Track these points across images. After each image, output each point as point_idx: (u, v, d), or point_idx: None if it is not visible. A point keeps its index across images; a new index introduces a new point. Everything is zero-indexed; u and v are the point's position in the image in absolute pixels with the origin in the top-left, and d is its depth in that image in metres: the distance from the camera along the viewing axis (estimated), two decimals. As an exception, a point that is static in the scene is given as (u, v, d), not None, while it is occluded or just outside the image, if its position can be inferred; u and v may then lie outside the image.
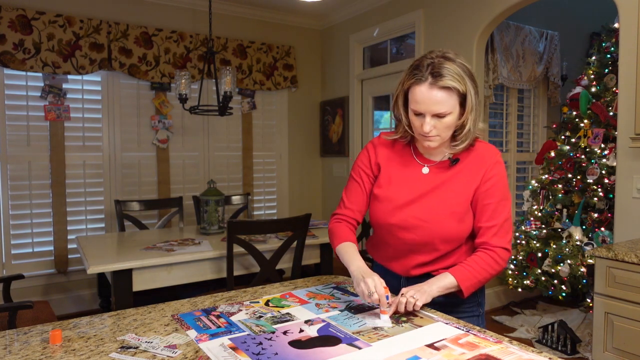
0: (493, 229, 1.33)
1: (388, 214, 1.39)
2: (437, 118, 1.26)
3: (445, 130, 1.29)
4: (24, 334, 1.15)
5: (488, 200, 1.34)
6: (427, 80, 1.23)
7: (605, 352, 2.14)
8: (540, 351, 1.01)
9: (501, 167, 1.37)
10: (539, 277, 3.23)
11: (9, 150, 3.60)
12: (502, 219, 1.34)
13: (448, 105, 1.25)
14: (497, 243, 1.33)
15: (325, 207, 5.15)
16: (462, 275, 1.30)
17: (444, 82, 1.22)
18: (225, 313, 1.28)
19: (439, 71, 1.23)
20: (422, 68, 1.25)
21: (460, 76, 1.24)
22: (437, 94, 1.23)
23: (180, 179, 4.33)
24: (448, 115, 1.26)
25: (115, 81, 3.99)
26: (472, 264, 1.32)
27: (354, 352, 1.02)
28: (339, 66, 4.84)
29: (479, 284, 1.33)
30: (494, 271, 1.33)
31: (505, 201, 1.36)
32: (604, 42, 3.27)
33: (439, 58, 1.25)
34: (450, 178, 1.36)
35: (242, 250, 2.52)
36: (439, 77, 1.22)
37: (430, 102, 1.24)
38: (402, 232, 1.38)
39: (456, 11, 3.55)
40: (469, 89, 1.26)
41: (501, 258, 1.33)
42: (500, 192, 1.35)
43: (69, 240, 3.82)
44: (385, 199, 1.40)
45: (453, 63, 1.25)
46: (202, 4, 4.22)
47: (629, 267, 2.03)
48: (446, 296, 1.36)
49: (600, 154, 3.06)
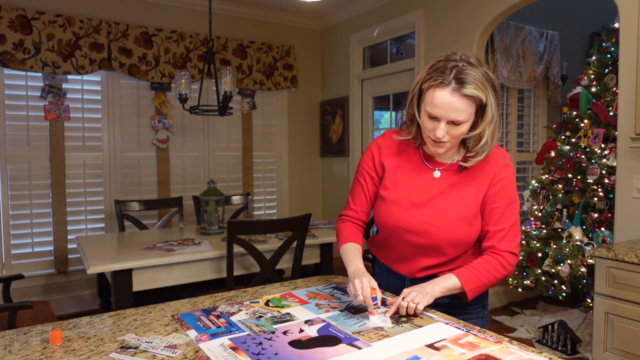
0: (501, 233, 1.31)
1: (396, 217, 1.36)
2: (452, 125, 1.22)
3: (457, 137, 1.26)
4: (23, 334, 1.15)
5: (497, 204, 1.32)
6: (449, 85, 1.18)
7: (606, 352, 2.14)
8: (540, 351, 1.01)
9: (510, 171, 1.35)
10: (539, 277, 3.23)
11: (9, 150, 3.60)
12: (510, 222, 1.32)
13: (466, 113, 1.21)
14: (505, 247, 1.31)
15: (325, 207, 5.15)
16: (466, 278, 1.28)
17: (467, 90, 1.18)
18: (225, 313, 1.28)
19: (463, 77, 1.17)
20: (446, 71, 1.19)
21: (484, 85, 1.20)
22: (459, 102, 1.19)
23: (180, 179, 4.33)
24: (464, 124, 1.22)
25: (115, 81, 3.99)
26: (478, 267, 1.30)
27: (354, 352, 1.02)
28: (339, 66, 4.84)
29: (483, 287, 1.31)
30: (500, 275, 1.31)
31: (514, 205, 1.34)
32: (604, 42, 3.27)
33: (464, 62, 1.20)
34: (460, 182, 1.34)
35: (242, 250, 2.51)
36: (463, 84, 1.17)
37: (450, 108, 1.19)
38: (410, 236, 1.35)
39: (456, 11, 3.55)
40: (490, 99, 1.22)
41: (508, 263, 1.31)
42: (509, 195, 1.33)
43: (69, 240, 3.82)
44: (392, 201, 1.37)
45: (477, 70, 1.20)
46: (202, 4, 4.22)
47: (629, 267, 2.03)
48: (451, 297, 1.35)
49: (601, 154, 3.06)
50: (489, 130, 1.25)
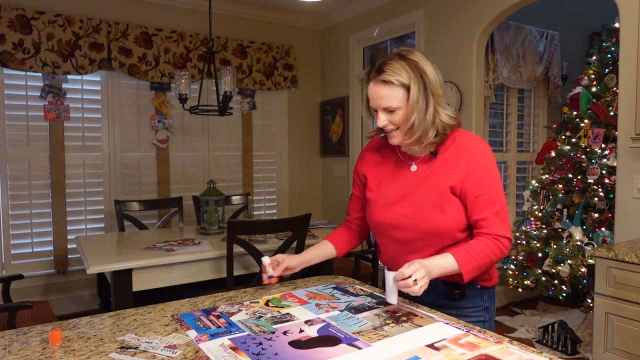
0: (490, 220, 1.31)
1: (379, 214, 1.43)
2: (389, 112, 1.31)
3: (399, 124, 1.31)
4: (23, 334, 1.15)
5: (479, 192, 1.31)
6: (373, 77, 1.31)
7: (606, 352, 2.14)
8: (540, 351, 1.01)
9: (486, 156, 1.34)
10: (539, 277, 3.23)
11: (8, 150, 3.60)
12: (497, 208, 1.31)
13: (393, 99, 1.28)
14: (498, 232, 1.30)
15: (325, 207, 5.15)
16: (463, 259, 1.27)
17: (382, 76, 1.28)
18: (225, 313, 1.28)
19: (382, 67, 1.29)
20: (371, 67, 1.33)
21: (405, 71, 1.27)
22: (381, 89, 1.29)
23: (180, 179, 4.33)
24: (398, 110, 1.29)
25: (115, 81, 3.99)
26: (475, 248, 1.29)
27: (354, 352, 1.02)
28: (339, 66, 4.83)
29: (479, 269, 1.30)
30: (496, 258, 1.31)
31: (497, 189, 1.33)
32: (604, 41, 3.27)
33: (393, 55, 1.31)
34: (433, 171, 1.37)
35: (242, 250, 2.51)
36: (381, 72, 1.29)
37: (377, 97, 1.30)
38: (394, 231, 1.41)
39: (456, 11, 3.55)
40: (413, 82, 1.27)
41: (504, 246, 1.31)
42: (489, 181, 1.32)
43: (69, 240, 3.82)
44: (375, 200, 1.45)
45: (402, 60, 1.29)
46: (202, 4, 4.22)
47: (629, 267, 2.03)
48: (450, 300, 1.37)
49: (601, 154, 3.06)
50: (416, 110, 1.28)
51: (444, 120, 1.32)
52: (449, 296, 1.40)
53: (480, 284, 1.41)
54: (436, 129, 1.32)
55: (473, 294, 1.41)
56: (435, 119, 1.31)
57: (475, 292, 1.41)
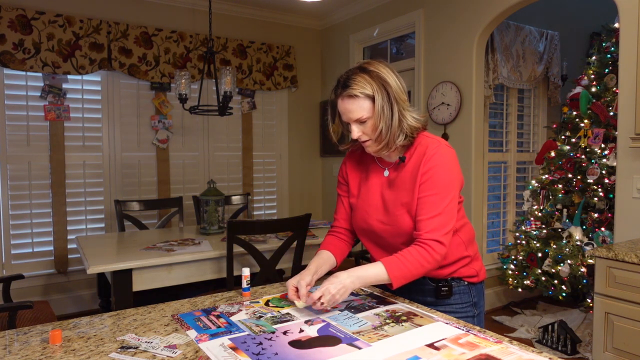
0: (427, 222, 1.32)
1: (361, 221, 1.49)
2: (360, 124, 1.36)
3: (371, 133, 1.36)
4: (23, 334, 1.15)
5: (424, 193, 1.34)
6: (340, 94, 1.36)
7: (606, 352, 2.14)
8: (540, 351, 1.01)
9: (441, 158, 1.35)
10: (539, 277, 3.23)
11: (9, 150, 3.60)
12: (437, 212, 1.32)
13: (362, 110, 1.33)
14: (430, 236, 1.31)
15: (325, 207, 5.15)
16: (392, 265, 1.29)
17: (348, 91, 1.33)
18: (225, 313, 1.28)
19: (346, 82, 1.34)
20: (338, 84, 1.37)
21: (368, 83, 1.32)
22: (349, 103, 1.34)
23: (180, 179, 4.33)
24: (368, 120, 1.35)
25: (115, 81, 3.99)
26: (406, 255, 1.30)
27: (354, 352, 1.02)
28: (339, 66, 4.83)
29: (410, 276, 1.30)
30: (427, 264, 1.30)
31: (443, 193, 1.33)
32: (604, 41, 3.27)
33: (355, 69, 1.36)
34: (402, 176, 1.41)
35: (242, 250, 2.51)
36: (346, 87, 1.33)
37: (347, 111, 1.35)
38: (374, 236, 1.47)
39: (456, 11, 3.55)
40: (377, 93, 1.32)
41: (435, 251, 1.30)
42: (439, 184, 1.33)
43: (69, 240, 3.82)
44: (356, 206, 1.51)
45: (364, 72, 1.33)
46: (202, 4, 4.22)
47: (629, 267, 2.03)
48: (436, 297, 1.43)
49: (601, 154, 3.06)
50: (383, 119, 1.33)
51: (410, 123, 1.37)
52: (436, 294, 1.44)
53: (467, 280, 1.46)
54: (405, 133, 1.37)
55: (461, 290, 1.46)
56: (402, 124, 1.36)
57: (463, 289, 1.46)
